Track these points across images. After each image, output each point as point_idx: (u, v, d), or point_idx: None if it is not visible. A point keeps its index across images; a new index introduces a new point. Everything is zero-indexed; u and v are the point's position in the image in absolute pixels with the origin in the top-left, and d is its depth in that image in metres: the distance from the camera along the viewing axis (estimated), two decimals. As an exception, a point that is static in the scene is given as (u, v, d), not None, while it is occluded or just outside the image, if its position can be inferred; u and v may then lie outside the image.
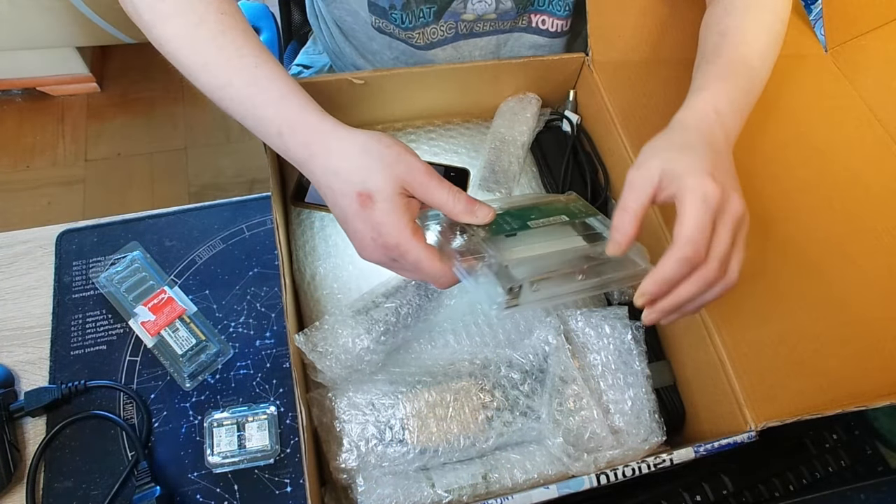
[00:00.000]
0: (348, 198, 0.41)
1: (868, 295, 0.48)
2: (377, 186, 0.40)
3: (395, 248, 0.40)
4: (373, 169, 0.41)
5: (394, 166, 0.41)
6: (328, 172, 0.42)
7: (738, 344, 0.45)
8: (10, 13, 1.36)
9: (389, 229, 0.40)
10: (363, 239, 0.42)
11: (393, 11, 0.61)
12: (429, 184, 0.41)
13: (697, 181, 0.39)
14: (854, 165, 0.56)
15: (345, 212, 0.42)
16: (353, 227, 0.42)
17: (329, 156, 0.42)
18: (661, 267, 0.39)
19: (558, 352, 0.50)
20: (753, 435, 0.42)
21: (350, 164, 0.41)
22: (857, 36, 0.63)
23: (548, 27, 0.66)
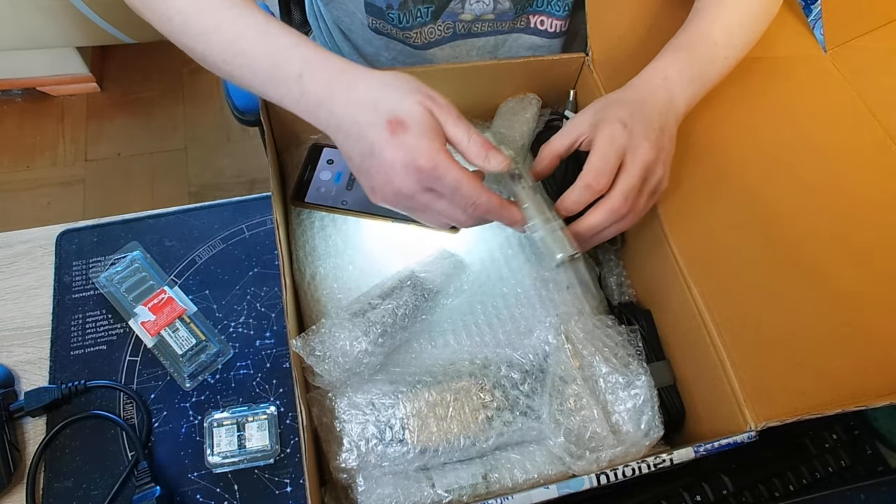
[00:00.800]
0: (377, 127, 0.40)
1: (868, 295, 0.48)
2: (407, 111, 0.40)
3: (433, 170, 0.39)
4: (400, 96, 0.41)
5: (419, 91, 0.41)
6: (352, 105, 0.41)
7: (738, 344, 0.45)
8: (10, 13, 1.36)
9: (424, 151, 0.39)
10: (392, 169, 0.40)
11: (390, 11, 0.61)
12: (449, 114, 0.41)
13: (609, 126, 0.45)
14: (853, 166, 0.56)
15: (372, 145, 0.40)
16: (381, 159, 0.40)
17: (352, 90, 0.41)
18: (569, 192, 0.46)
19: (558, 352, 0.50)
20: (753, 435, 0.42)
21: (377, 94, 0.41)
22: (857, 37, 0.63)
23: (546, 28, 0.66)
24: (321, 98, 0.42)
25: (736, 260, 0.49)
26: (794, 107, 0.59)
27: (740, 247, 0.50)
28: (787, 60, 0.62)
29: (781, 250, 0.50)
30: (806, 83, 0.61)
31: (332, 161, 0.59)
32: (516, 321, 0.54)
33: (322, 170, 0.59)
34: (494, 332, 0.53)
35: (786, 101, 0.59)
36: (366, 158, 0.41)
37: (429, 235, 0.56)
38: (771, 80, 0.60)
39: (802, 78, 0.61)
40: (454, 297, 0.52)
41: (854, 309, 0.47)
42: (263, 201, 0.64)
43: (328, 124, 0.43)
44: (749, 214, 0.51)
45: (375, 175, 0.41)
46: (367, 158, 0.41)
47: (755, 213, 0.52)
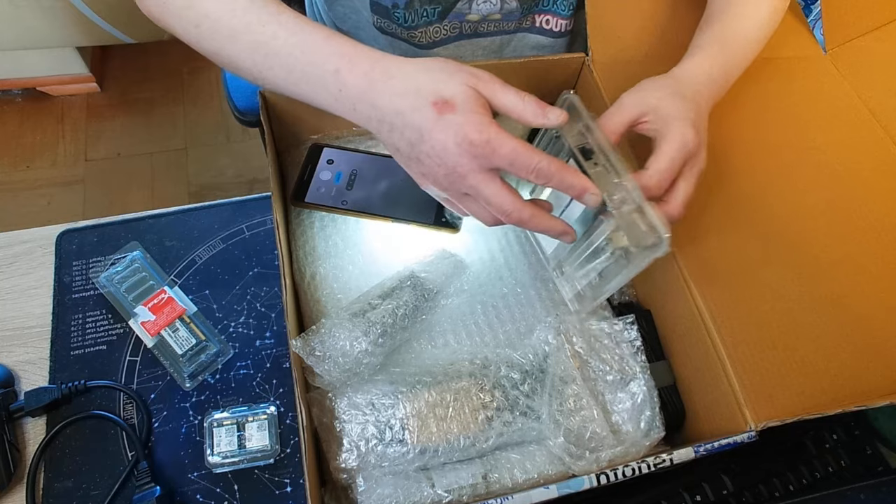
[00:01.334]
0: (422, 111, 0.39)
1: (868, 295, 0.48)
2: (452, 92, 0.40)
3: (486, 143, 0.38)
4: (442, 79, 0.40)
5: (460, 72, 0.41)
6: (394, 95, 0.40)
7: (738, 344, 0.45)
8: (10, 13, 1.36)
9: (476, 126, 0.39)
10: (444, 150, 0.39)
11: (396, 10, 0.61)
12: (495, 84, 0.41)
13: (683, 126, 0.44)
14: (853, 166, 0.56)
15: (420, 130, 0.39)
16: (432, 142, 0.39)
17: (391, 79, 0.41)
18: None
19: (558, 352, 0.50)
20: (753, 435, 0.42)
21: (418, 80, 0.40)
22: (856, 37, 0.63)
23: (552, 27, 0.66)
24: (361, 91, 0.41)
25: (736, 260, 0.49)
26: (794, 107, 0.59)
27: (740, 247, 0.50)
28: (786, 61, 0.62)
29: (781, 250, 0.50)
30: (806, 83, 0.61)
31: (332, 161, 0.59)
32: (516, 321, 0.54)
33: (322, 170, 0.59)
34: (494, 332, 0.53)
35: (786, 101, 0.59)
36: (415, 146, 0.40)
37: (429, 235, 0.56)
38: (771, 81, 0.60)
39: (802, 78, 0.61)
40: (454, 298, 0.52)
41: (854, 309, 0.47)
42: (263, 201, 0.64)
43: (369, 118, 0.42)
44: (749, 214, 0.51)
45: (426, 160, 0.40)
46: (416, 146, 0.40)
47: (755, 213, 0.52)
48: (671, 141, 0.44)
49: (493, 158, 0.39)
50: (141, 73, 1.74)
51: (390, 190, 0.58)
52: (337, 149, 0.60)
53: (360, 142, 0.62)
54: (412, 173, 0.44)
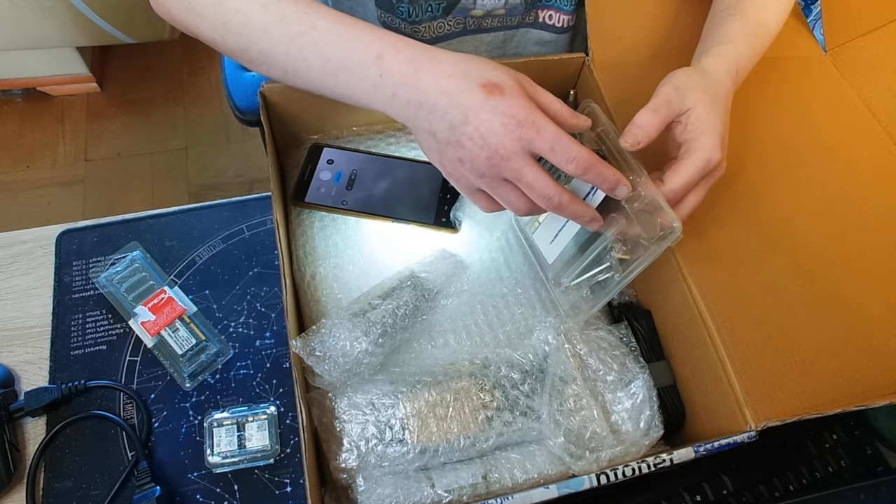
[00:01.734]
0: (470, 92, 0.40)
1: (868, 295, 0.48)
2: (500, 77, 0.41)
3: (532, 124, 0.39)
4: (490, 67, 0.42)
5: (504, 66, 0.42)
6: (441, 77, 0.41)
7: (738, 344, 0.45)
8: (10, 13, 1.36)
9: (523, 108, 0.40)
10: (490, 130, 0.39)
11: (400, 5, 0.61)
12: (535, 85, 0.42)
13: (711, 144, 0.45)
14: (853, 166, 0.56)
15: (466, 110, 0.40)
16: (478, 122, 0.40)
17: (439, 63, 0.42)
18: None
19: (558, 352, 0.50)
20: (753, 435, 0.42)
21: (466, 65, 0.41)
22: (856, 37, 0.63)
23: (554, 22, 0.66)
24: (404, 75, 0.42)
25: (736, 260, 0.49)
26: (794, 107, 0.59)
27: (740, 247, 0.50)
28: (786, 61, 0.62)
29: (781, 250, 0.50)
30: (806, 83, 0.61)
31: (332, 161, 0.59)
32: (516, 321, 0.54)
33: (322, 170, 0.59)
34: (494, 332, 0.53)
35: (786, 101, 0.59)
36: (456, 128, 0.40)
37: (429, 235, 0.56)
38: (771, 81, 0.60)
39: (802, 78, 0.61)
40: (454, 298, 0.52)
41: (854, 309, 0.47)
42: (263, 201, 0.64)
43: (408, 102, 0.42)
44: (749, 214, 0.51)
45: (468, 143, 0.40)
46: (458, 127, 0.40)
47: (755, 212, 0.52)
48: (696, 159, 0.44)
49: (536, 142, 0.40)
50: (141, 73, 1.74)
51: (390, 190, 0.58)
52: (337, 149, 0.60)
53: (360, 142, 0.62)
54: (445, 161, 0.43)
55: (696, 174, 0.45)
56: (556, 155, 0.40)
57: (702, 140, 0.45)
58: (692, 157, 0.45)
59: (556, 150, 0.40)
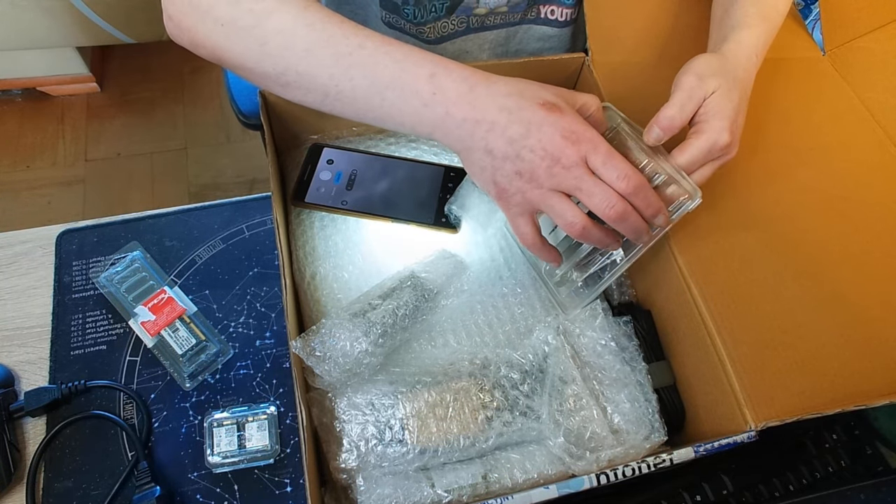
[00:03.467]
0: (530, 109, 0.41)
1: (868, 295, 0.48)
2: (553, 97, 0.42)
3: (591, 140, 0.41)
4: (538, 88, 0.43)
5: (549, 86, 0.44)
6: (498, 95, 0.42)
7: (738, 344, 0.45)
8: (10, 13, 1.36)
9: (580, 124, 0.42)
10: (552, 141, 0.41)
11: (405, 6, 0.61)
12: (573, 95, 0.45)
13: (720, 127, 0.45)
14: (853, 166, 0.56)
15: (528, 124, 0.41)
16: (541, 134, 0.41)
17: (492, 83, 0.43)
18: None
19: (558, 352, 0.50)
20: (753, 435, 0.42)
21: (520, 86, 0.43)
22: (855, 38, 0.63)
23: (556, 17, 0.66)
24: (459, 93, 0.42)
25: (736, 260, 0.49)
26: (794, 108, 0.59)
27: (740, 247, 0.50)
28: (785, 62, 0.62)
29: (781, 250, 0.50)
30: (805, 84, 0.61)
31: (332, 161, 0.59)
32: (516, 321, 0.54)
33: (322, 170, 0.59)
34: (494, 332, 0.53)
35: (785, 102, 0.59)
36: (516, 142, 0.41)
37: (429, 235, 0.56)
38: (770, 82, 0.60)
39: (801, 79, 0.61)
40: (454, 298, 0.52)
41: (854, 309, 0.47)
42: (263, 201, 0.64)
43: (464, 120, 0.42)
44: (749, 215, 0.51)
45: (528, 155, 0.41)
46: (518, 141, 0.41)
47: (755, 213, 0.52)
48: (703, 140, 0.45)
49: (592, 155, 0.41)
50: (141, 73, 1.74)
51: (390, 190, 0.58)
52: (337, 149, 0.60)
53: (360, 142, 0.63)
54: (499, 177, 0.43)
55: (701, 155, 0.46)
56: (608, 169, 0.41)
57: (712, 122, 0.46)
58: (699, 138, 0.45)
59: (607, 165, 0.41)
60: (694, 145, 0.46)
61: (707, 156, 0.46)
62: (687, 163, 0.46)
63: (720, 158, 0.47)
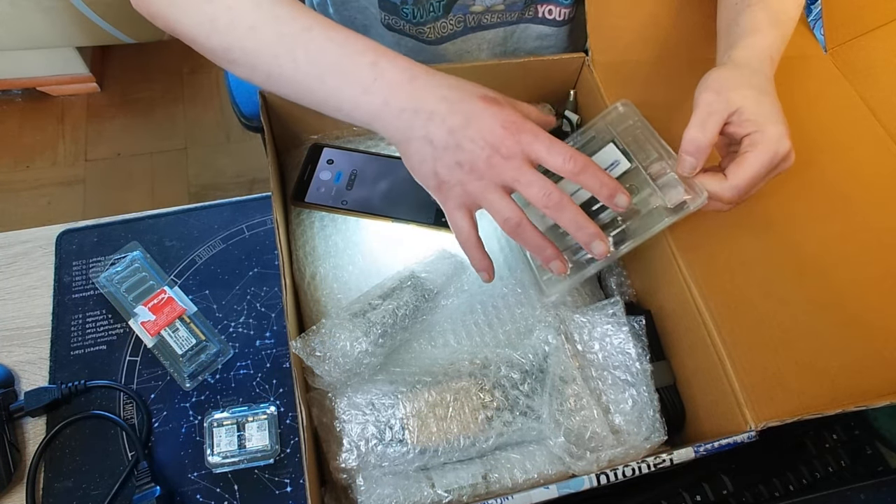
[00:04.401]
0: (470, 101, 0.42)
1: (868, 295, 0.48)
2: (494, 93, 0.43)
3: (530, 131, 0.41)
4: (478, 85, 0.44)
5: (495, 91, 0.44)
6: (438, 86, 0.42)
7: (738, 344, 0.45)
8: (10, 13, 1.36)
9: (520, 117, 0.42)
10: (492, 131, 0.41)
11: (404, 6, 0.61)
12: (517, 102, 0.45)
13: (778, 136, 0.42)
14: (854, 165, 0.56)
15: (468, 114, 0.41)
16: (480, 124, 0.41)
17: (432, 75, 0.43)
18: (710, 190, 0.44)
19: (558, 351, 0.50)
20: (753, 435, 0.42)
21: (459, 81, 0.43)
22: (857, 36, 0.63)
23: (554, 16, 0.66)
24: (400, 82, 0.42)
25: (736, 260, 0.49)
26: (795, 106, 0.59)
27: (740, 246, 0.50)
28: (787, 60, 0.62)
29: (781, 250, 0.50)
30: (806, 83, 0.61)
31: (332, 161, 0.59)
32: (516, 321, 0.54)
33: (322, 170, 0.59)
34: (494, 332, 0.53)
35: (786, 100, 0.59)
36: (457, 132, 0.41)
37: (429, 235, 0.56)
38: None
39: (803, 78, 0.61)
40: (454, 298, 0.52)
41: (854, 309, 0.47)
42: (263, 201, 0.64)
43: (402, 109, 0.42)
44: (749, 214, 0.51)
45: (468, 145, 0.41)
46: (458, 131, 0.41)
47: (755, 212, 0.52)
48: (762, 151, 0.42)
49: (534, 144, 0.41)
50: (141, 73, 1.74)
51: (390, 190, 0.58)
52: (337, 149, 0.60)
53: (360, 142, 0.62)
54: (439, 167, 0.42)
55: (764, 167, 0.42)
56: (553, 155, 0.41)
57: (766, 131, 0.42)
58: (758, 149, 0.42)
59: (551, 150, 0.41)
60: (754, 156, 0.42)
61: (769, 167, 0.42)
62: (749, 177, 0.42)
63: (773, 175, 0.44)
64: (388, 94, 0.42)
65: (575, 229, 0.43)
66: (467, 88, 0.43)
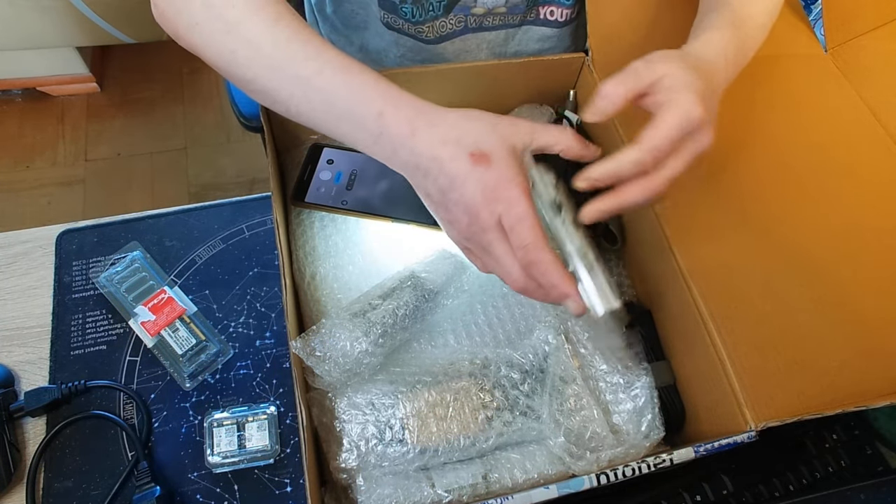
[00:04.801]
0: (458, 161, 0.40)
1: (868, 295, 0.48)
2: (490, 146, 0.40)
3: (507, 200, 0.39)
4: (482, 131, 0.41)
5: (500, 126, 0.41)
6: (435, 144, 0.41)
7: (738, 344, 0.45)
8: (10, 13, 1.36)
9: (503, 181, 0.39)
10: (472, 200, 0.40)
11: (403, 5, 0.61)
12: (534, 129, 0.42)
13: (688, 99, 0.41)
14: (854, 165, 0.56)
15: (453, 179, 0.40)
16: (462, 191, 0.40)
17: (434, 127, 0.41)
18: (617, 162, 0.41)
19: (558, 352, 0.50)
20: (753, 435, 0.42)
21: (459, 131, 0.41)
22: (857, 36, 0.63)
23: (556, 17, 0.66)
24: (403, 137, 0.42)
25: (736, 260, 0.49)
26: (795, 106, 0.59)
27: (740, 247, 0.50)
28: (787, 59, 0.62)
29: (781, 250, 0.50)
30: (806, 82, 0.61)
31: (332, 161, 0.59)
32: (516, 321, 0.54)
33: (322, 170, 0.59)
34: (494, 332, 0.53)
35: (786, 100, 0.59)
36: (445, 193, 0.41)
37: (429, 235, 0.56)
38: (771, 80, 0.60)
39: (803, 77, 0.61)
40: (454, 298, 0.52)
41: (854, 309, 0.47)
42: (263, 201, 0.64)
43: (406, 163, 0.42)
44: (749, 214, 0.51)
45: (453, 208, 0.41)
46: (446, 193, 0.41)
47: (755, 212, 0.52)
48: (673, 113, 0.41)
49: (504, 217, 0.39)
50: (141, 73, 1.74)
51: (390, 190, 0.58)
52: (337, 149, 0.60)
53: (360, 142, 0.62)
54: (439, 220, 0.44)
55: (675, 130, 0.41)
56: (513, 236, 0.39)
57: (678, 96, 0.41)
58: (668, 111, 0.41)
59: (514, 231, 0.39)
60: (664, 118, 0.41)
61: (681, 129, 0.41)
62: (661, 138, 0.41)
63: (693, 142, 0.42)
64: (394, 148, 0.42)
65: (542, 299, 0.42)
66: (465, 141, 0.41)
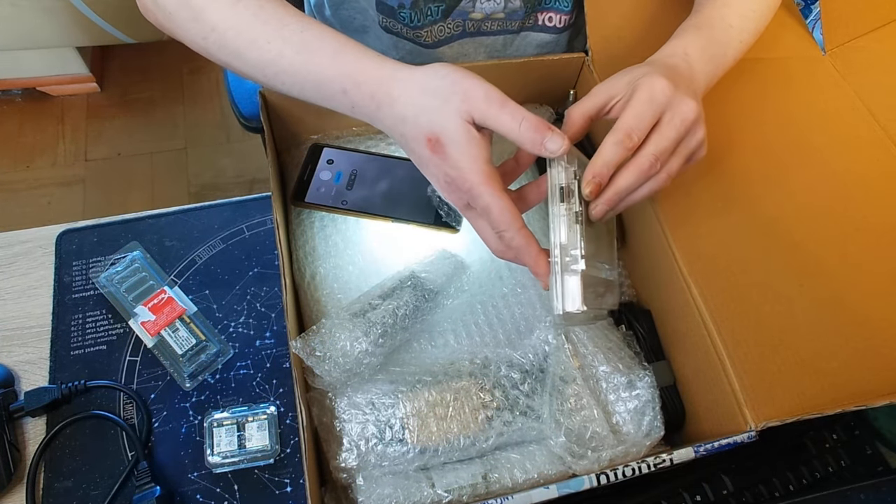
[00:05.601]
0: (419, 143, 0.41)
1: (868, 295, 0.48)
2: (442, 126, 0.40)
3: (468, 192, 0.40)
4: (434, 108, 0.40)
5: (451, 99, 0.40)
6: (397, 121, 0.42)
7: (738, 344, 0.45)
8: (10, 13, 1.36)
9: (461, 173, 0.39)
10: (438, 183, 0.42)
11: (402, 10, 0.61)
12: (488, 111, 0.39)
13: (649, 80, 0.42)
14: (853, 166, 0.56)
15: (420, 158, 0.42)
16: (429, 172, 0.43)
17: (394, 104, 0.42)
18: (601, 151, 0.41)
19: (558, 351, 0.50)
20: (753, 435, 0.42)
21: (415, 109, 0.41)
22: (856, 37, 0.63)
23: (554, 24, 0.66)
24: (370, 111, 0.44)
25: (736, 260, 0.49)
26: (794, 107, 0.59)
27: (740, 247, 0.50)
28: (786, 61, 0.62)
29: (781, 250, 0.50)
30: (805, 84, 0.61)
31: (332, 161, 0.59)
32: (516, 321, 0.54)
33: (322, 170, 0.59)
34: (494, 332, 0.53)
35: (785, 101, 0.59)
36: (419, 165, 0.43)
37: (429, 235, 0.56)
38: (770, 81, 0.60)
39: (802, 79, 0.61)
40: (454, 298, 0.52)
41: (854, 309, 0.47)
42: (263, 201, 0.64)
43: (385, 131, 0.44)
44: (749, 214, 0.51)
45: (430, 178, 0.43)
46: (419, 166, 0.43)
47: (755, 213, 0.52)
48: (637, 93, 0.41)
49: (474, 205, 0.41)
50: (141, 73, 1.74)
51: (390, 190, 0.58)
52: (337, 149, 0.60)
53: (360, 142, 0.63)
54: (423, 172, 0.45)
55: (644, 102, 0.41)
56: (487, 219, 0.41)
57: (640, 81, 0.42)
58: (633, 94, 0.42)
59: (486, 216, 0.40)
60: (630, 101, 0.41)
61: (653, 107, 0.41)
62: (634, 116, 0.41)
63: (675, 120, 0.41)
64: (368, 118, 0.45)
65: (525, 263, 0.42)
66: (420, 121, 0.40)
